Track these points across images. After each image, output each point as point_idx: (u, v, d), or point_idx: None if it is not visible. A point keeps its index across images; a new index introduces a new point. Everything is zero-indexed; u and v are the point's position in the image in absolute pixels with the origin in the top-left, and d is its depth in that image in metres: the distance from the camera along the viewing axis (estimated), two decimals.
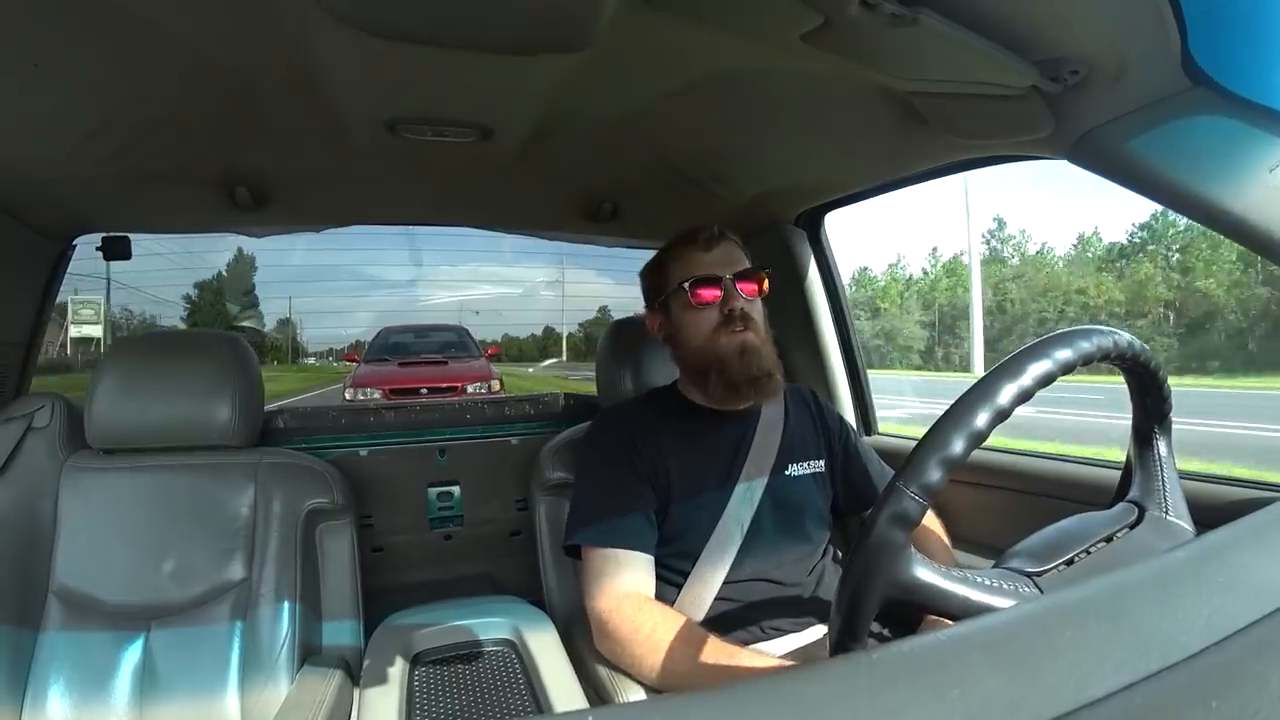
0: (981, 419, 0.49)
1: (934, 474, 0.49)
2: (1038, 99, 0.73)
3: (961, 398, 0.51)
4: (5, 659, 0.89)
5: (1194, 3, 0.57)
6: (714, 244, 0.99)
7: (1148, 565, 0.40)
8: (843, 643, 0.52)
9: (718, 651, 0.80)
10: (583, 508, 0.98)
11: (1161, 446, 0.64)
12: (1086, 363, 0.54)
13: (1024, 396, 0.50)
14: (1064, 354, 0.52)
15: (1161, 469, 0.63)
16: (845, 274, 1.46)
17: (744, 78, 0.86)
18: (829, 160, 1.16)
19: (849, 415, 1.46)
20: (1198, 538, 0.44)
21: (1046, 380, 0.51)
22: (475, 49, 0.73)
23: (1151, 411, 0.63)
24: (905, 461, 0.50)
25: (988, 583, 0.52)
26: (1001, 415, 0.50)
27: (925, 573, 0.51)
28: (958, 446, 0.49)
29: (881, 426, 1.50)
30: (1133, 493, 0.64)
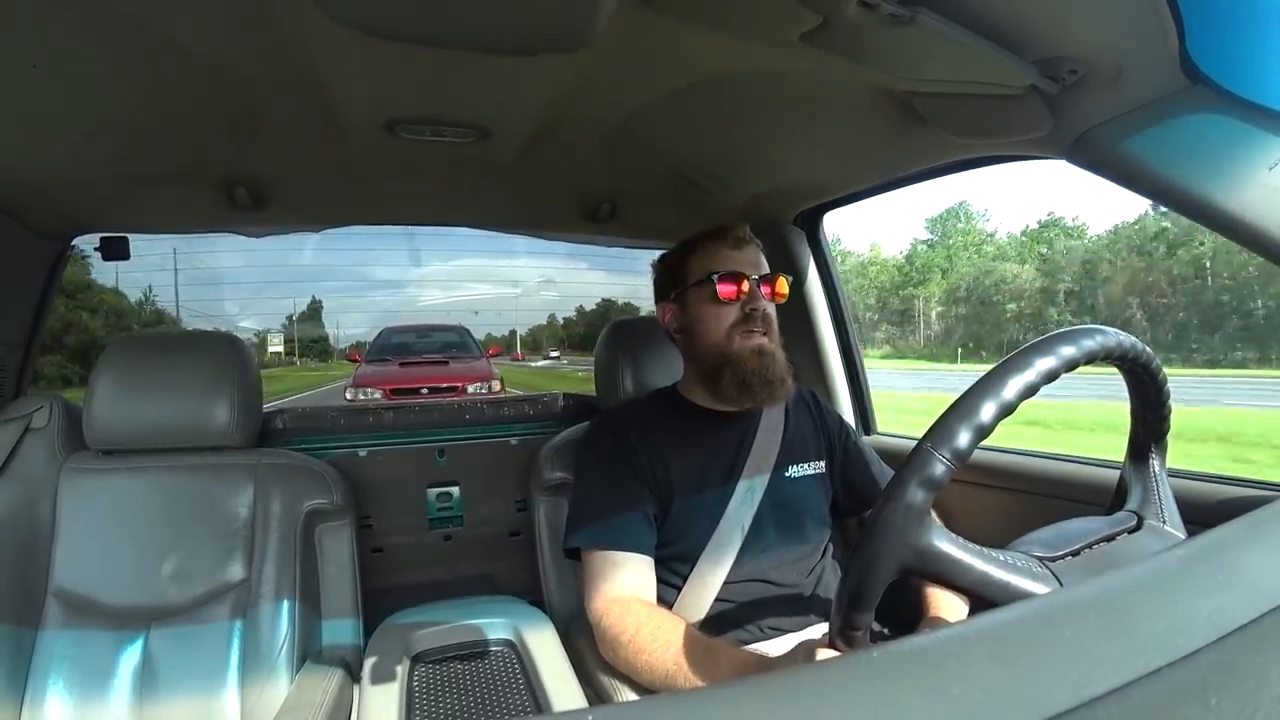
0: (1011, 391, 0.50)
1: (963, 438, 0.49)
2: (1036, 98, 0.73)
3: (993, 370, 0.52)
4: (5, 659, 0.89)
5: (1191, 2, 0.57)
6: (742, 244, 1.00)
7: (1147, 564, 0.40)
8: (849, 615, 0.52)
9: (701, 649, 0.80)
10: (581, 510, 0.98)
11: (1156, 463, 0.65)
12: (1106, 357, 0.56)
13: (1053, 375, 0.52)
14: (1089, 343, 0.55)
15: (1157, 484, 0.65)
16: None
17: (742, 78, 0.86)
18: (827, 160, 1.16)
19: (848, 415, 1.46)
20: (1196, 537, 0.44)
21: (1071, 364, 0.53)
22: (474, 49, 0.73)
23: (1150, 428, 0.65)
24: (932, 427, 0.51)
25: (1004, 559, 0.52)
26: (1031, 389, 0.51)
27: (945, 543, 0.51)
28: (987, 415, 0.50)
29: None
30: (1130, 503, 0.65)
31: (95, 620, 0.95)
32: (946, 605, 0.87)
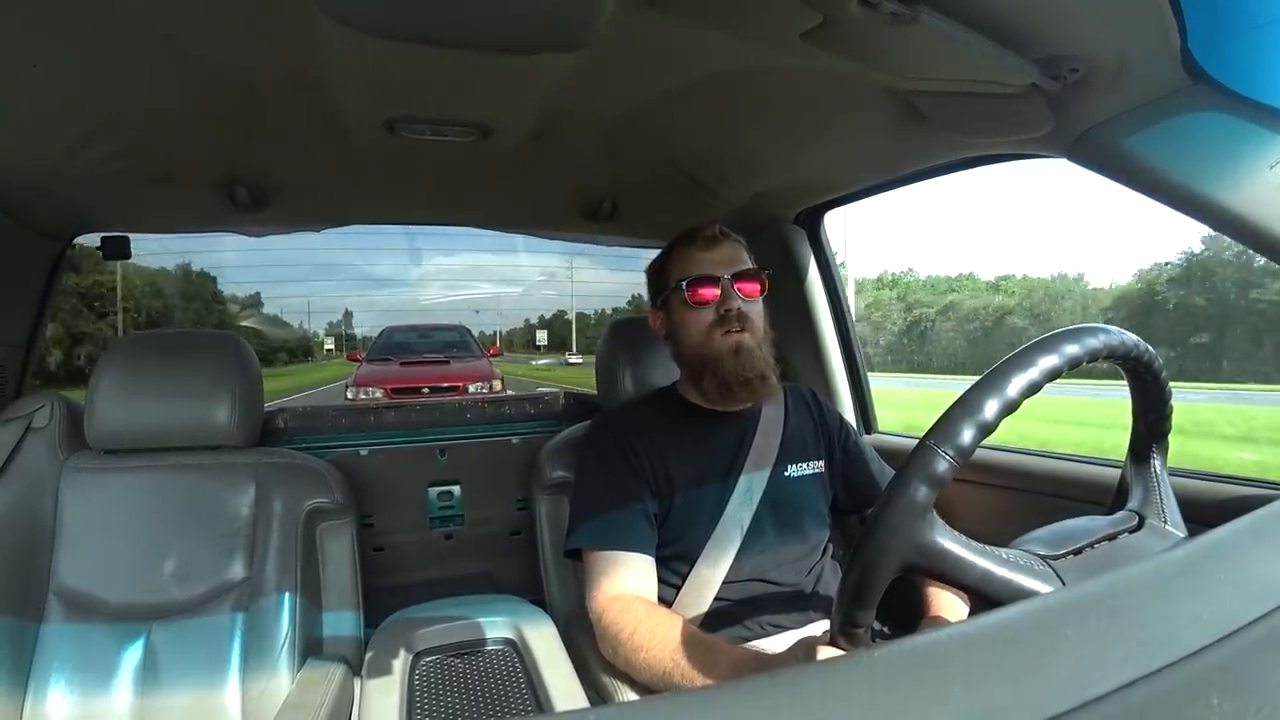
0: (1014, 388, 0.50)
1: (966, 435, 0.49)
2: (1037, 97, 0.73)
3: (996, 368, 0.52)
4: (7, 657, 0.89)
5: (1193, 0, 0.57)
6: (714, 244, 0.99)
7: (1148, 564, 0.40)
8: (850, 612, 0.52)
9: (699, 646, 0.80)
10: (581, 510, 0.98)
11: (1157, 463, 0.65)
12: (1110, 356, 0.56)
13: (1056, 373, 0.52)
14: (1093, 341, 0.54)
15: (1158, 484, 0.65)
16: None
17: (744, 77, 0.86)
18: (828, 159, 1.16)
19: (848, 414, 1.46)
20: (1198, 536, 0.44)
21: (1075, 362, 0.53)
22: (475, 48, 0.73)
23: (1152, 429, 0.64)
24: (935, 424, 0.50)
25: (1008, 557, 0.52)
26: (1034, 387, 0.51)
27: (947, 540, 0.51)
28: (990, 412, 0.49)
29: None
30: (1131, 503, 0.65)
31: (97, 618, 0.95)
32: (947, 605, 0.87)
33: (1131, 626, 0.31)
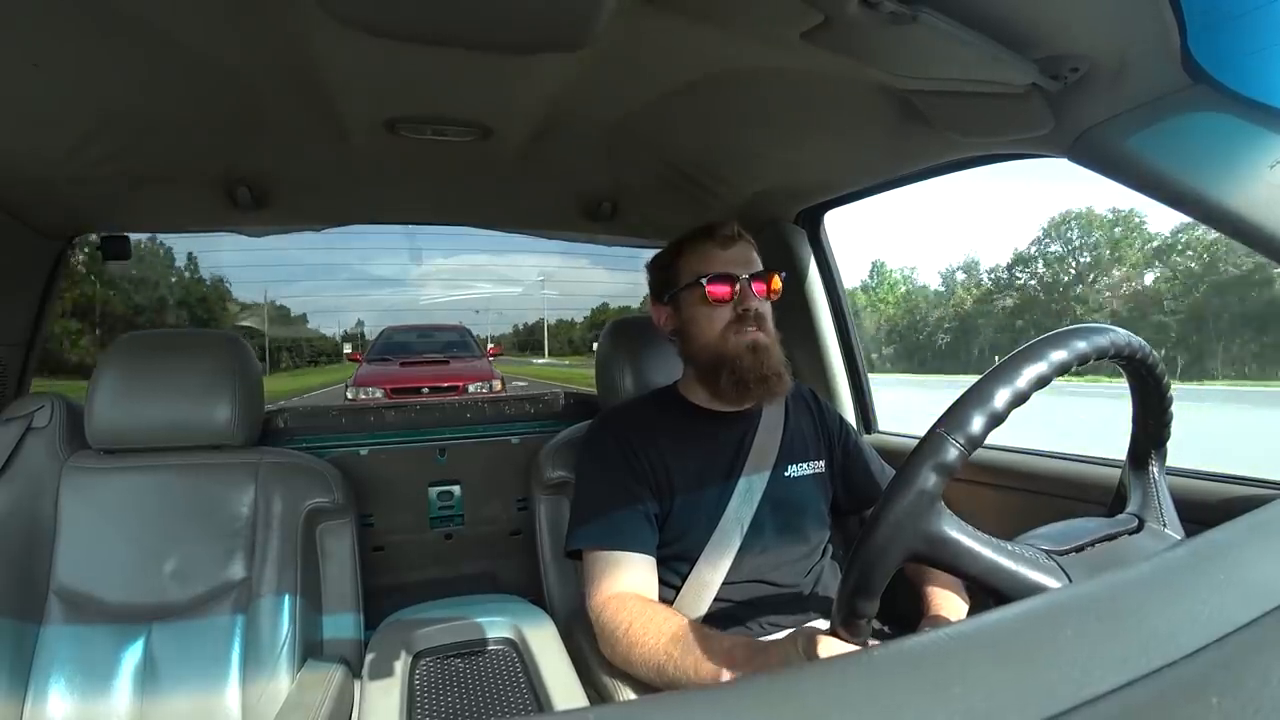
0: (1024, 380, 0.50)
1: (977, 424, 0.49)
2: (1037, 97, 0.73)
3: (1008, 359, 0.52)
4: (7, 657, 0.89)
5: (1193, 0, 0.57)
6: (731, 242, 0.99)
7: (1148, 564, 0.40)
8: (853, 602, 0.52)
9: (693, 635, 0.79)
10: (581, 510, 0.98)
11: (1155, 468, 0.65)
12: (1116, 355, 0.57)
13: (1065, 367, 0.52)
14: (1100, 340, 0.55)
15: (1157, 489, 0.65)
16: None
17: (744, 77, 0.86)
18: (828, 159, 1.16)
19: (849, 414, 1.46)
20: (1197, 536, 0.44)
21: (1082, 359, 0.53)
22: (475, 48, 0.73)
23: (1152, 434, 0.64)
24: (946, 412, 0.50)
25: (1014, 549, 0.52)
26: (1043, 380, 0.51)
27: (954, 530, 0.51)
28: (1000, 402, 0.49)
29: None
30: (1130, 507, 0.65)
31: (97, 618, 0.95)
32: (948, 604, 0.87)
33: (1131, 626, 0.31)
